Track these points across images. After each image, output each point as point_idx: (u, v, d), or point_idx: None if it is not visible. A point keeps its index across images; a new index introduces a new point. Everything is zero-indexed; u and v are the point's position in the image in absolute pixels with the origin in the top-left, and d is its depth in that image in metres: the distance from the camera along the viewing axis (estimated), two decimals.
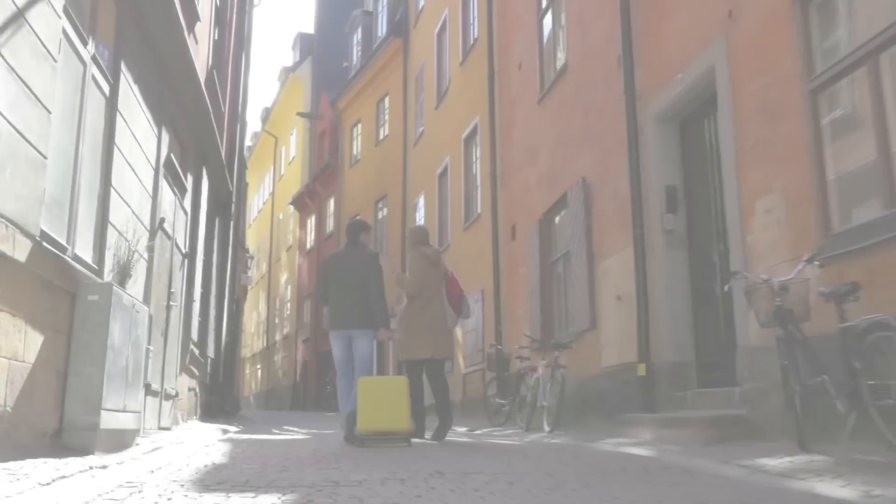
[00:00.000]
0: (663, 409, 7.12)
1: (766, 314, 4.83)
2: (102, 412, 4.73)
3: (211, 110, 8.92)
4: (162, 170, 7.17)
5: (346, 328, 6.60)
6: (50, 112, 4.25)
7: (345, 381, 6.62)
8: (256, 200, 40.54)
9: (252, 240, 40.26)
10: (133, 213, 6.12)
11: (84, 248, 5.12)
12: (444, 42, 18.35)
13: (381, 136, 23.45)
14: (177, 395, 8.19)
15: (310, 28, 33.43)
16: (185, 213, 8.54)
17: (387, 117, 23.29)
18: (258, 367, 36.85)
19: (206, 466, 4.57)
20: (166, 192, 7.40)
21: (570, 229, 9.73)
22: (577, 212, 9.50)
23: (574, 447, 6.37)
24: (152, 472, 4.25)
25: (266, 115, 37.12)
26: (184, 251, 8.46)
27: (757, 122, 6.00)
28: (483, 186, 14.44)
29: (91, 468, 4.07)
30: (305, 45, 33.44)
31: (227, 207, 12.03)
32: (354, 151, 25.85)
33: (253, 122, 39.11)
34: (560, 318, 10.58)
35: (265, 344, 35.11)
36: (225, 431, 8.83)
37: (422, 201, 19.30)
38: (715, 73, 6.57)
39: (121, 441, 5.27)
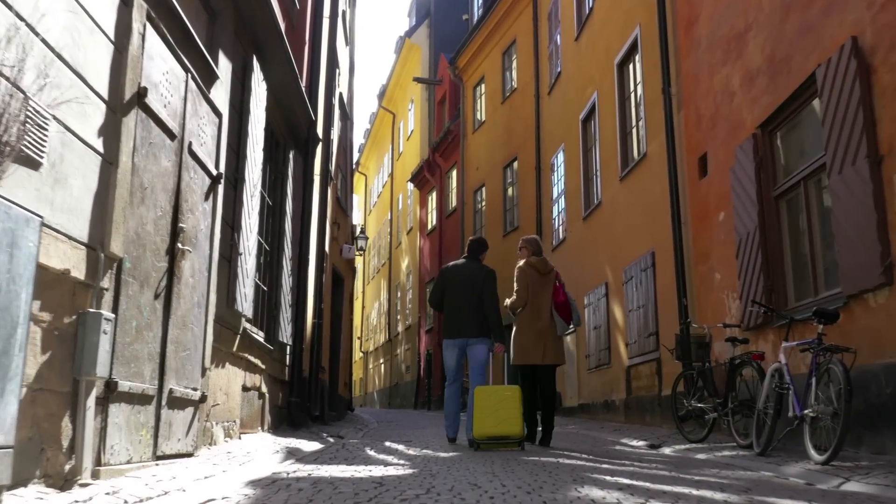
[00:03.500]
0: None
1: None
2: None
3: None
4: (142, 5, 4.07)
5: (462, 337, 6.86)
6: None
7: (453, 387, 6.96)
8: (376, 184, 38.12)
9: (372, 227, 37.90)
10: (34, 33, 3.02)
11: None
12: None
13: (508, 91, 20.06)
14: (203, 398, 5.11)
15: None
16: (217, 113, 5.45)
17: (514, 68, 19.88)
18: (381, 361, 34.28)
19: None
20: (156, 50, 4.30)
21: (827, 129, 6.03)
22: (841, 97, 5.79)
23: None
24: None
25: (382, 92, 34.43)
26: (214, 171, 5.37)
27: None
28: (649, 116, 10.82)
29: None
30: (422, 8, 30.50)
31: (308, 142, 8.93)
32: (478, 114, 22.58)
33: (369, 102, 36.68)
34: (802, 277, 6.87)
35: (387, 336, 32.44)
36: (290, 454, 5.70)
37: (560, 157, 15.81)
38: None
39: None
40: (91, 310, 3.51)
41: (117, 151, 3.79)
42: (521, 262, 7.21)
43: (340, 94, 13.04)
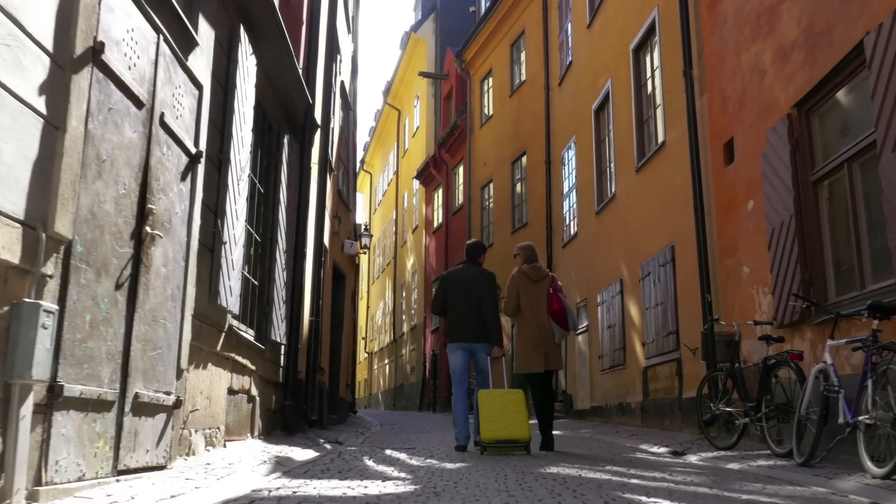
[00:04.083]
0: None
1: None
2: None
3: None
4: None
5: (467, 342, 6.91)
6: None
7: (459, 391, 6.93)
8: (381, 182, 37.53)
9: (377, 226, 37.33)
10: None
11: None
12: None
13: (517, 84, 19.44)
14: (178, 403, 4.53)
15: None
16: (196, 83, 4.87)
17: (523, 60, 19.27)
18: (386, 362, 33.68)
19: None
20: (117, 2, 3.71)
21: (878, 103, 5.40)
22: (895, 66, 5.18)
23: None
24: None
25: (388, 88, 33.83)
26: (192, 149, 4.79)
27: None
28: (668, 102, 10.21)
29: None
30: (428, 2, 29.89)
31: (304, 128, 8.32)
32: (485, 108, 21.96)
33: (375, 101, 36.08)
34: (844, 268, 6.25)
35: (392, 337, 31.83)
36: (278, 466, 5.11)
37: (571, 151, 15.19)
38: None
39: None
40: (27, 300, 2.93)
41: (65, 114, 3.21)
42: (514, 270, 7.24)
43: (342, 82, 12.44)
